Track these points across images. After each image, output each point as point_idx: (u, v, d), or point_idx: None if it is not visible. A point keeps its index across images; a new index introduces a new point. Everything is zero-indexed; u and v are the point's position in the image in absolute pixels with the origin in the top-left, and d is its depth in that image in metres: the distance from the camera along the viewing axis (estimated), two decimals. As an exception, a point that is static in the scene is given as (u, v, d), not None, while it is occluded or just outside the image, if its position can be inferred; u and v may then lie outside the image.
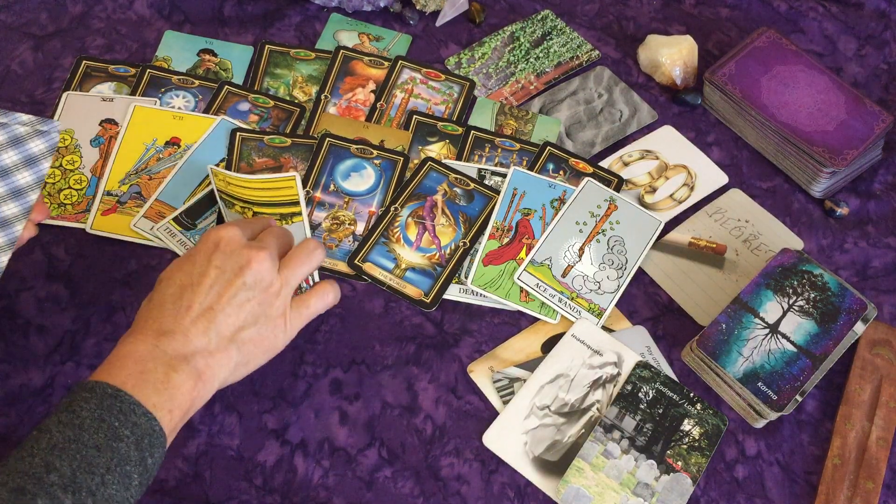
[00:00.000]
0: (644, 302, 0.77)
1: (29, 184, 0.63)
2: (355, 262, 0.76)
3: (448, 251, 0.78)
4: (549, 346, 0.74)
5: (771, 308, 0.72)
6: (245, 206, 0.72)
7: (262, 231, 0.65)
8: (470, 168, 0.83)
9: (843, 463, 0.69)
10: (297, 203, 0.69)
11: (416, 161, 0.83)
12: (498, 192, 0.81)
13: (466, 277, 0.76)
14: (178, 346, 0.56)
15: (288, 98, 0.87)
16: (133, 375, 0.54)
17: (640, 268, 0.78)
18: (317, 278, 0.70)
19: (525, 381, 0.72)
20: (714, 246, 0.80)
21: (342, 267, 0.76)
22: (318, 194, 0.80)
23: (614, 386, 0.71)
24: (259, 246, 0.61)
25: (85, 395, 0.53)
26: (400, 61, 0.90)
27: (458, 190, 0.81)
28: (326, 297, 0.66)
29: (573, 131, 0.87)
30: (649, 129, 0.88)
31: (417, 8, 0.93)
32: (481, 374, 0.72)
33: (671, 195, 0.83)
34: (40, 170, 0.63)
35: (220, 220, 0.77)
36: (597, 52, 0.93)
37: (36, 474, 0.48)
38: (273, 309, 0.61)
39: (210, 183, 0.78)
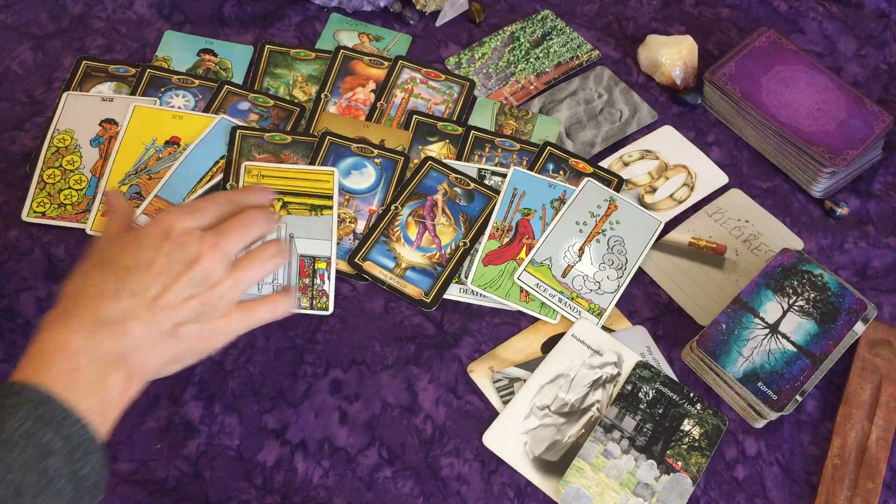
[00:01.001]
0: (644, 302, 0.77)
1: None
2: (355, 260, 0.76)
3: (448, 251, 0.78)
4: (549, 346, 0.74)
5: (771, 308, 0.72)
6: (276, 198, 0.73)
7: (231, 218, 0.59)
8: (470, 168, 0.83)
9: (843, 463, 0.69)
10: (330, 197, 0.72)
11: (416, 160, 0.83)
12: (498, 192, 0.81)
13: (466, 277, 0.76)
14: (116, 340, 0.52)
15: (288, 98, 0.87)
16: (64, 374, 0.50)
17: (640, 268, 0.78)
18: (293, 281, 0.69)
19: (525, 381, 0.72)
20: (714, 246, 0.80)
21: (342, 265, 0.76)
22: (319, 194, 0.80)
23: (614, 386, 0.71)
24: (214, 241, 0.56)
25: (11, 401, 0.48)
26: (400, 61, 0.90)
27: (458, 190, 0.81)
28: (275, 309, 0.61)
29: (573, 131, 0.87)
30: (649, 129, 0.88)
31: (417, 8, 0.93)
32: (481, 374, 0.72)
33: (671, 195, 0.83)
34: None
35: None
36: (597, 52, 0.93)
37: None
38: (216, 310, 0.57)
39: (210, 180, 0.78)
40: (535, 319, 0.75)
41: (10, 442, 0.47)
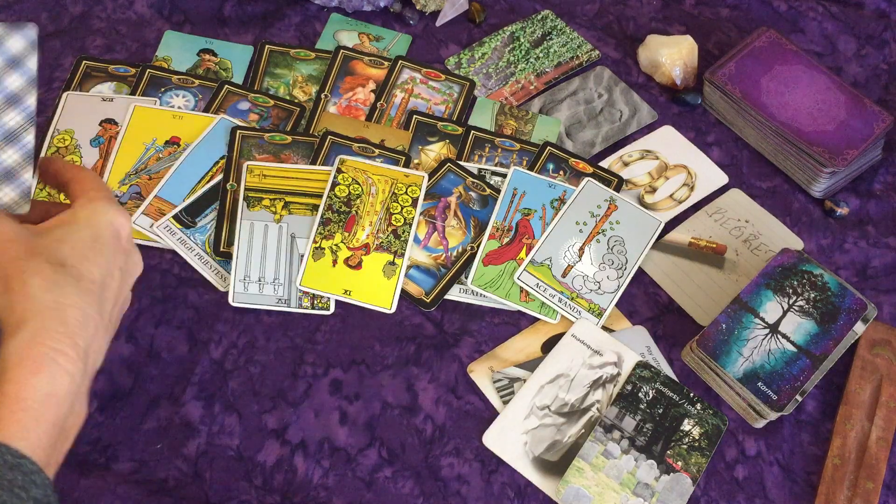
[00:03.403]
0: (644, 302, 0.77)
1: (22, 87, 0.50)
2: (355, 261, 0.76)
3: (455, 254, 0.78)
4: (549, 346, 0.74)
5: (771, 308, 0.72)
6: (275, 198, 0.74)
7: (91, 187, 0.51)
8: (470, 168, 0.82)
9: (843, 463, 0.69)
10: None
11: (416, 160, 0.83)
12: (498, 192, 0.81)
13: (466, 277, 0.76)
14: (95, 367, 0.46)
15: (288, 98, 0.87)
16: (49, 434, 0.40)
17: (640, 268, 0.78)
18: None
19: (525, 381, 0.72)
20: (714, 246, 0.80)
21: (342, 267, 0.76)
22: (319, 194, 0.80)
23: (614, 386, 0.71)
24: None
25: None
26: (400, 61, 0.90)
27: (473, 194, 0.81)
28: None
29: (573, 131, 0.87)
30: (649, 129, 0.88)
31: (417, 8, 0.93)
32: (481, 374, 0.72)
33: (671, 195, 0.83)
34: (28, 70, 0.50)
35: (219, 220, 0.77)
36: (597, 52, 0.93)
37: None
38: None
39: (210, 180, 0.78)
40: (535, 319, 0.75)
41: None
